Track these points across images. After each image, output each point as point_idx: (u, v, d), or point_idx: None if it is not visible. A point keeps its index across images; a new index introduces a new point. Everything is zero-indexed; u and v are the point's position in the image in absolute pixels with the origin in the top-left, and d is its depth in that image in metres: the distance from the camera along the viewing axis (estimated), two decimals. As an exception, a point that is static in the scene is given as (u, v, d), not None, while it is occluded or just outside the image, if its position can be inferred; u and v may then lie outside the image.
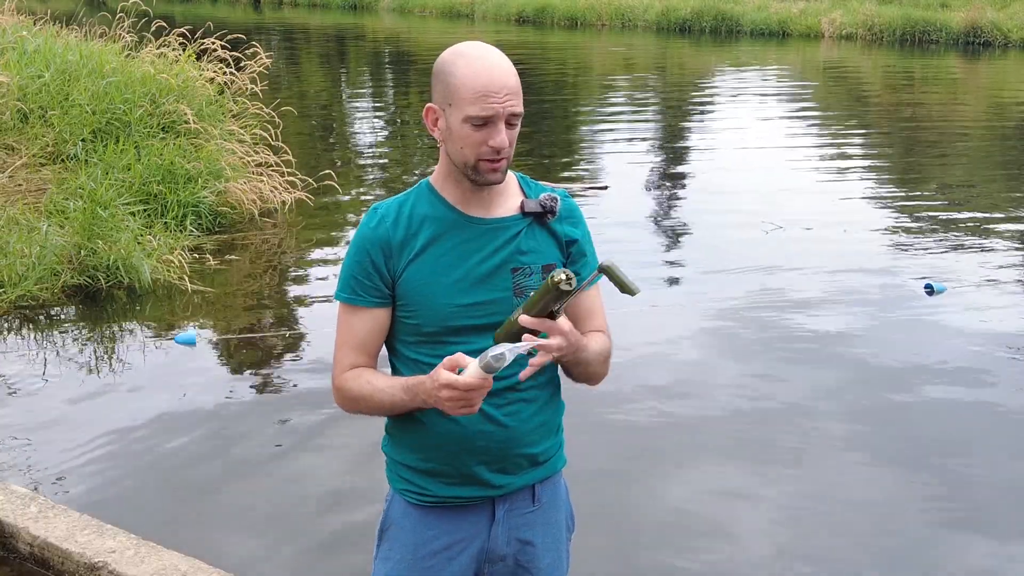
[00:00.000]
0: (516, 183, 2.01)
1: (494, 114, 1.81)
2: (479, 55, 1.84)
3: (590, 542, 3.18)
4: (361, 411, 1.99)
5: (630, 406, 4.82)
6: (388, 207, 1.96)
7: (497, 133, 1.83)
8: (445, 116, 1.86)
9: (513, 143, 1.88)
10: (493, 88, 1.81)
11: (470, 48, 1.87)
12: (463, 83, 1.81)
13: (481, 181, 1.88)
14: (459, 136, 1.84)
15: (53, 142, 7.94)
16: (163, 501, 3.99)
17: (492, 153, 1.84)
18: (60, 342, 5.64)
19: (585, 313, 2.02)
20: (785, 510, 4.03)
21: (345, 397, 1.98)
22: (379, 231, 1.92)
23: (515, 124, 1.86)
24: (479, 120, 1.81)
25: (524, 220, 1.95)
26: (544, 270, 1.95)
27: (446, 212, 1.94)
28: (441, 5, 33.51)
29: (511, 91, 1.82)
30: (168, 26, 10.18)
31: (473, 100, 1.81)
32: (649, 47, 24.65)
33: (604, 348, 1.99)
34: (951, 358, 5.51)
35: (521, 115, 1.86)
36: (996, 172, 11.17)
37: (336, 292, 1.98)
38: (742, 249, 7.56)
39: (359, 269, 1.93)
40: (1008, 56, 22.26)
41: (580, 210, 2.07)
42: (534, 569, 2.06)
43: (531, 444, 2.00)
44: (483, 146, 1.83)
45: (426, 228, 1.92)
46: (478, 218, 1.93)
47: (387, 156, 11.83)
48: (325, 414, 4.80)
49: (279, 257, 7.32)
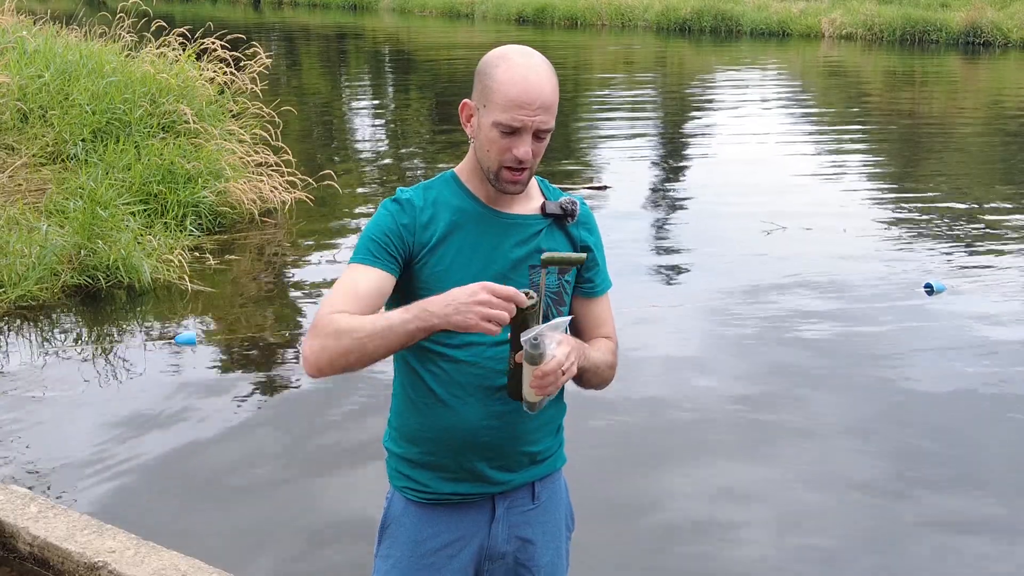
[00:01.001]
0: (536, 185, 2.03)
1: (522, 126, 1.82)
2: (521, 63, 1.84)
3: (590, 541, 3.18)
4: (343, 350, 1.78)
5: (631, 405, 4.82)
6: (414, 190, 1.97)
7: (522, 144, 1.84)
8: (478, 115, 1.88)
9: (539, 156, 1.89)
10: (526, 100, 1.81)
11: (516, 54, 1.87)
12: (499, 88, 1.82)
13: (500, 188, 1.90)
14: (487, 138, 1.86)
15: (53, 142, 7.95)
16: (163, 501, 3.99)
17: (515, 162, 1.85)
18: (60, 342, 5.64)
19: (594, 321, 2.05)
20: (785, 509, 4.02)
21: (327, 331, 1.79)
22: (405, 208, 1.93)
23: (544, 138, 1.87)
24: (507, 128, 1.83)
25: (544, 220, 1.97)
26: (560, 271, 1.98)
27: (470, 203, 1.95)
28: (441, 5, 33.53)
29: (544, 106, 1.83)
30: (168, 26, 10.18)
31: (505, 107, 1.82)
32: (649, 47, 24.65)
33: (607, 356, 2.01)
34: (952, 358, 5.51)
35: (550, 131, 1.87)
36: (996, 172, 11.17)
37: (351, 259, 1.94)
38: (743, 249, 7.56)
39: (380, 233, 1.90)
40: (1008, 56, 22.26)
41: (595, 218, 2.09)
42: (534, 567, 2.06)
43: (532, 443, 2.01)
44: (507, 153, 1.85)
45: (449, 215, 1.93)
46: (501, 212, 1.95)
47: (387, 156, 11.83)
48: (325, 414, 4.80)
49: (279, 257, 7.32)
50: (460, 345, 1.91)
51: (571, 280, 2.01)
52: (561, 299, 1.99)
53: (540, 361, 1.73)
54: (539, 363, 1.73)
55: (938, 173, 10.79)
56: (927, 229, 8.29)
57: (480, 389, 1.92)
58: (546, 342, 1.72)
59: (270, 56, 10.18)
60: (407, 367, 1.98)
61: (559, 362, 1.74)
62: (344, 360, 1.79)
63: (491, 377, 1.92)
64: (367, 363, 1.81)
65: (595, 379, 1.99)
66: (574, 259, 1.87)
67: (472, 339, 1.90)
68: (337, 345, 1.78)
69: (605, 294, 2.08)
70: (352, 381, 5.05)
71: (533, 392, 1.78)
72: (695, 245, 7.81)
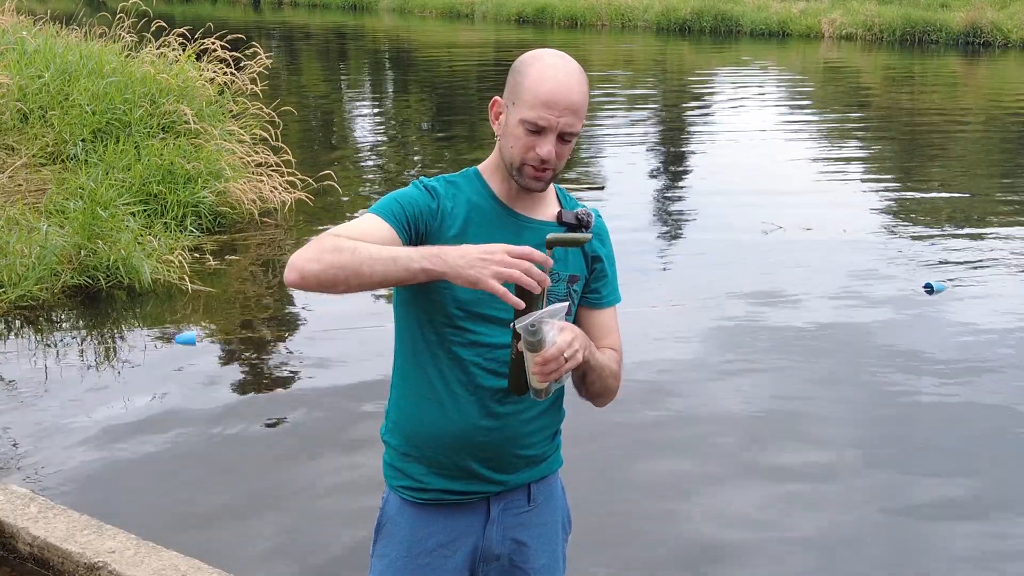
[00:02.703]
0: (555, 193, 2.04)
1: (548, 125, 1.84)
2: (554, 64, 1.87)
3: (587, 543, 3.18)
4: (339, 263, 1.72)
5: (629, 406, 4.80)
6: (437, 179, 1.98)
7: (546, 143, 1.85)
8: (507, 112, 1.90)
9: (564, 158, 1.90)
10: (553, 100, 1.83)
11: (550, 56, 1.90)
12: (529, 87, 1.85)
13: (522, 184, 1.91)
14: (513, 135, 1.88)
15: (53, 142, 7.95)
16: (163, 501, 3.99)
17: (538, 161, 1.87)
18: (60, 342, 5.64)
19: (599, 332, 2.05)
20: (785, 509, 4.03)
21: (327, 245, 1.74)
22: (434, 194, 1.93)
23: (569, 141, 1.88)
24: (533, 126, 1.85)
25: (559, 228, 1.98)
26: (570, 280, 1.98)
27: (489, 201, 1.96)
28: (441, 5, 33.52)
29: (571, 108, 1.85)
30: (168, 26, 10.17)
31: (532, 105, 1.84)
32: (649, 47, 24.65)
33: (612, 364, 2.01)
34: (952, 358, 5.51)
35: (576, 135, 1.88)
36: (996, 172, 11.17)
37: (370, 209, 1.92)
38: (742, 249, 7.56)
39: (407, 200, 1.89)
40: (1008, 56, 22.27)
41: (608, 230, 2.10)
42: (529, 570, 2.07)
43: (528, 447, 2.01)
44: (531, 151, 1.86)
45: (467, 210, 1.93)
46: (519, 214, 1.96)
47: (387, 156, 11.83)
48: (325, 414, 4.81)
49: (279, 257, 7.32)
50: (465, 344, 1.91)
51: (579, 290, 2.02)
52: (568, 308, 1.98)
53: (540, 348, 1.71)
54: (538, 350, 1.72)
55: (938, 173, 10.79)
56: (927, 229, 8.29)
57: (480, 389, 1.93)
58: (544, 328, 1.71)
59: (270, 56, 10.18)
60: (409, 360, 1.99)
61: (560, 348, 1.73)
62: (334, 272, 1.72)
63: (491, 377, 1.92)
64: (357, 286, 1.74)
65: (598, 383, 1.99)
66: (579, 239, 1.88)
67: (477, 338, 1.91)
68: (334, 257, 1.72)
69: (612, 307, 2.08)
70: (352, 381, 5.06)
71: (536, 379, 1.77)
72: (694, 245, 7.81)
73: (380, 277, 1.73)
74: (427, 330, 1.94)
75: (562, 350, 1.73)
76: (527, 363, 1.77)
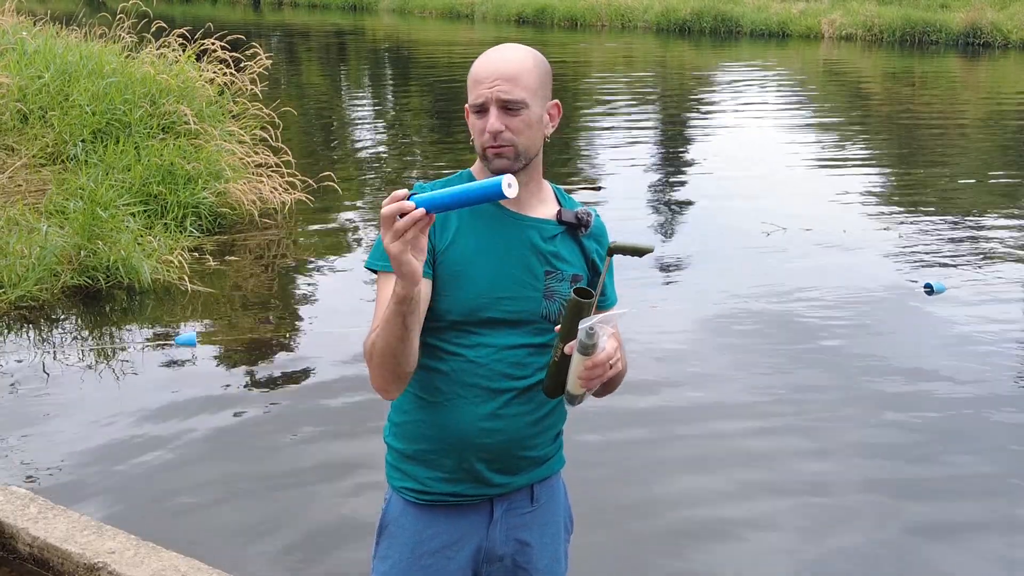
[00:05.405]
0: (552, 193, 2.04)
1: (484, 100, 1.85)
2: (492, 50, 1.91)
3: (589, 543, 3.18)
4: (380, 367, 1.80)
5: (630, 407, 4.81)
6: (432, 185, 1.97)
7: (490, 118, 1.85)
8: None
9: (522, 133, 1.87)
10: (484, 74, 1.86)
11: (491, 48, 1.93)
12: (469, 76, 1.89)
13: (491, 169, 1.90)
14: (471, 127, 1.91)
15: (53, 143, 7.95)
16: (163, 501, 3.99)
17: (489, 137, 1.87)
18: (60, 342, 5.64)
19: None
20: (786, 509, 4.03)
21: (368, 360, 1.82)
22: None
23: (516, 111, 1.85)
24: (475, 107, 1.88)
25: (558, 227, 1.97)
26: (572, 280, 1.97)
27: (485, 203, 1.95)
28: (441, 6, 33.53)
29: (502, 77, 1.84)
30: (168, 27, 10.18)
31: (471, 88, 1.88)
32: (649, 48, 24.65)
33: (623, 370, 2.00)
34: (952, 358, 5.51)
35: (519, 102, 1.85)
36: (996, 173, 11.17)
37: (367, 261, 1.92)
38: (743, 250, 7.56)
39: None
40: (1008, 56, 22.27)
41: (607, 230, 2.09)
42: (532, 570, 2.06)
43: (531, 448, 2.01)
44: (484, 133, 1.87)
45: (464, 212, 1.92)
46: (515, 212, 1.95)
47: (387, 156, 11.83)
48: (325, 414, 4.80)
49: (279, 258, 7.32)
50: (470, 345, 1.91)
51: None
52: (554, 298, 1.96)
53: (593, 352, 1.71)
54: (591, 353, 1.71)
55: (938, 173, 10.78)
56: (927, 229, 8.29)
57: (484, 391, 1.92)
58: (599, 333, 1.71)
59: (270, 57, 10.18)
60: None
61: (609, 354, 1.74)
62: (387, 372, 1.80)
63: (496, 379, 1.91)
64: (404, 356, 1.78)
65: (612, 386, 1.99)
66: (642, 248, 1.87)
67: (482, 340, 1.90)
68: (375, 366, 1.81)
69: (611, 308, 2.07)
70: (353, 381, 5.06)
71: (579, 383, 1.76)
72: (695, 246, 7.81)
73: (397, 339, 1.75)
74: (432, 333, 1.93)
75: (610, 356, 1.74)
76: (573, 366, 1.76)
